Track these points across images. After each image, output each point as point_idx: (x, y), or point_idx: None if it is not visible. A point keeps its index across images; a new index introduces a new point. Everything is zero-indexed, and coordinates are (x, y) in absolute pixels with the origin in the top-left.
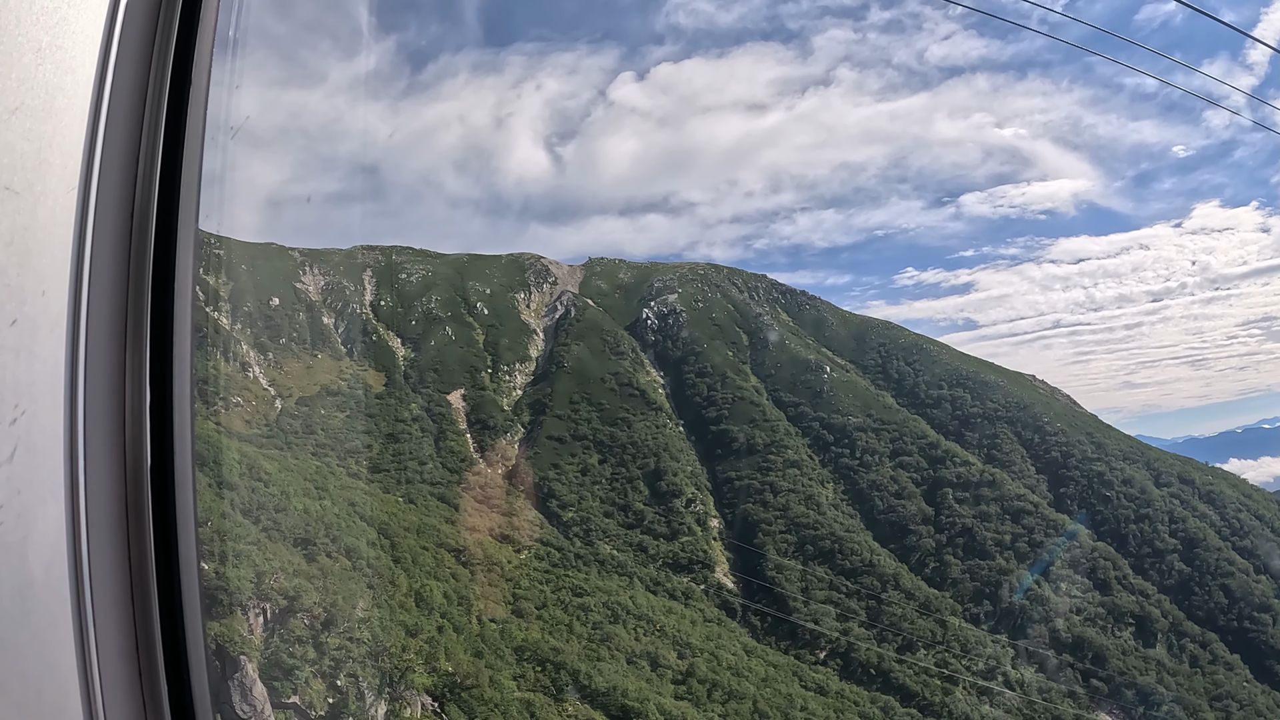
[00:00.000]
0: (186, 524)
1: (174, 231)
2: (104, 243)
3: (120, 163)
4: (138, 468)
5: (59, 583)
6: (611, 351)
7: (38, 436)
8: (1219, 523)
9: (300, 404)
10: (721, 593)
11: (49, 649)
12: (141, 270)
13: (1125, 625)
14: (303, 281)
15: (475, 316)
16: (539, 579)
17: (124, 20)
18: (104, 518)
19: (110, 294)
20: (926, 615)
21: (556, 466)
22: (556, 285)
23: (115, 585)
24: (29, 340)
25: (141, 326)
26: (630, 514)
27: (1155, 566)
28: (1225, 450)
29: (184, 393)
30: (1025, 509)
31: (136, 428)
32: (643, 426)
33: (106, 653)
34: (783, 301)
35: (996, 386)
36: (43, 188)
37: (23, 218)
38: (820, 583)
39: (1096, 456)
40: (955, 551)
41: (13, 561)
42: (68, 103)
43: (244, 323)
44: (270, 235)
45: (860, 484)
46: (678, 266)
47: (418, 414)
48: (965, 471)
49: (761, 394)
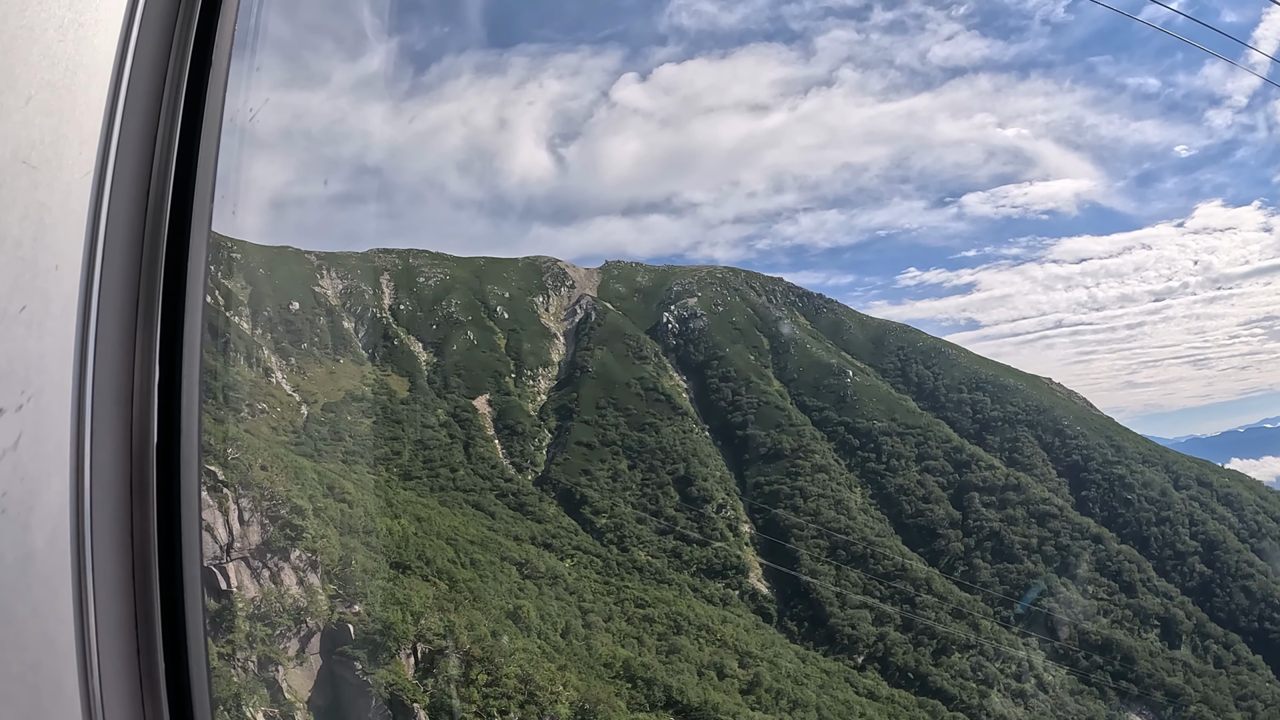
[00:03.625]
0: (190, 503)
1: (188, 215)
2: (118, 222)
3: (138, 143)
4: (144, 447)
5: (60, 557)
6: (635, 356)
7: (46, 417)
8: (1238, 525)
9: (326, 410)
10: (757, 598)
11: (48, 622)
12: (155, 253)
13: (1151, 627)
14: (321, 285)
15: (495, 320)
16: (600, 590)
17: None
18: (108, 495)
19: (123, 273)
20: (959, 619)
21: (587, 473)
22: (574, 289)
23: (116, 561)
24: (40, 316)
25: (153, 307)
26: (663, 520)
27: (1177, 569)
28: (1228, 450)
29: (193, 375)
30: (1050, 512)
31: (144, 407)
32: (670, 432)
33: (105, 628)
34: (800, 305)
35: (1015, 390)
36: (60, 164)
37: (39, 193)
38: (854, 587)
39: (1117, 459)
40: (984, 555)
41: (16, 534)
42: (88, 81)
43: (264, 327)
44: (282, 236)
45: (888, 488)
46: (695, 270)
47: (445, 420)
48: (990, 475)
49: (785, 398)
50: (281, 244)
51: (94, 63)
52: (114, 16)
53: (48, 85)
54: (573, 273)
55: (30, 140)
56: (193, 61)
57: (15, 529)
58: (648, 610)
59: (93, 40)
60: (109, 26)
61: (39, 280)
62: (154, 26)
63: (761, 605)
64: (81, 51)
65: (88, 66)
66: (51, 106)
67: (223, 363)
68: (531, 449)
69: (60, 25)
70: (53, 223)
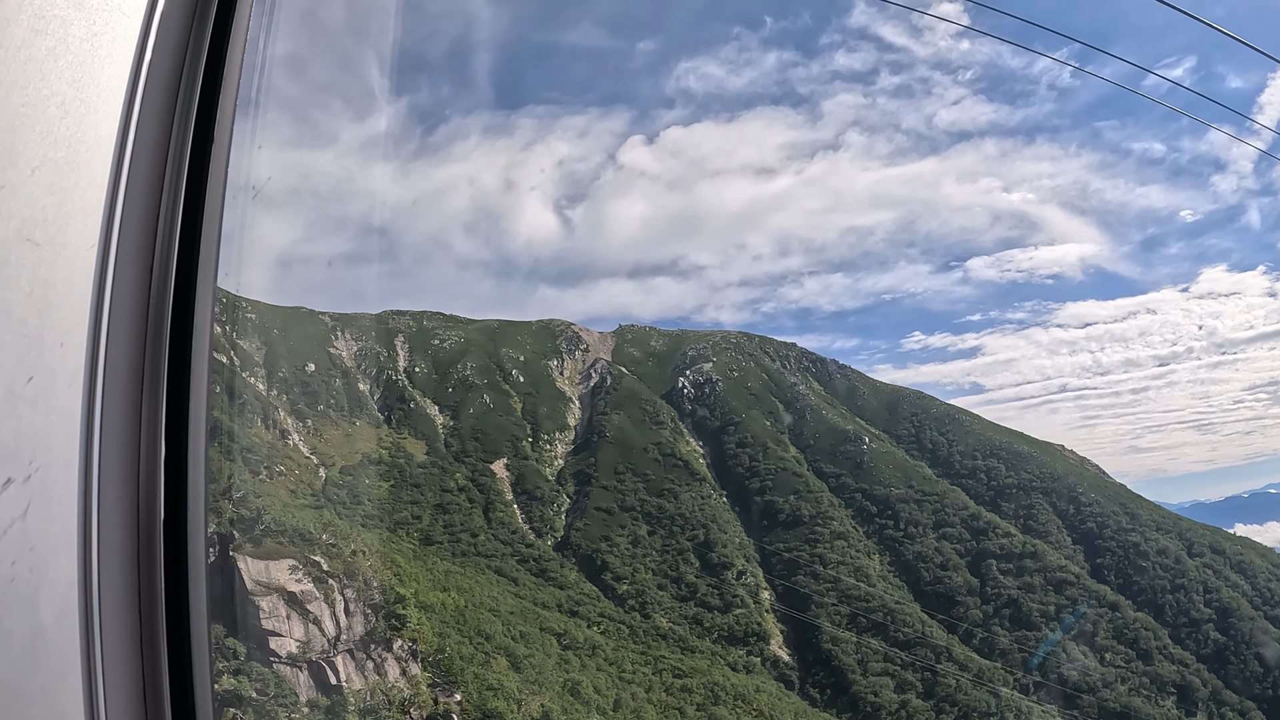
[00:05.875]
0: (197, 576)
1: (193, 289)
2: (123, 297)
3: (141, 218)
4: (150, 520)
5: (70, 631)
6: (651, 421)
7: (53, 489)
8: (1250, 592)
9: (344, 473)
10: (779, 665)
11: (57, 698)
12: (160, 326)
13: (1168, 694)
14: (335, 346)
15: (511, 384)
16: (637, 660)
17: (147, 78)
18: (116, 568)
19: (127, 347)
20: (980, 685)
21: (607, 539)
22: (589, 352)
23: (125, 636)
24: (45, 393)
25: (159, 381)
26: (683, 586)
27: (1192, 636)
28: (1232, 515)
29: (198, 448)
30: (1067, 580)
31: (150, 481)
32: (689, 498)
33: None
34: (814, 370)
35: (1029, 457)
36: (63, 241)
37: (43, 270)
38: (875, 654)
39: (1131, 527)
40: (1002, 622)
41: (26, 611)
42: (90, 157)
43: (280, 389)
44: (290, 296)
45: (906, 555)
46: (709, 334)
47: (464, 484)
48: (1008, 543)
49: (802, 464)
50: (291, 303)
51: (96, 138)
52: (116, 92)
53: (50, 162)
54: (586, 336)
55: (34, 218)
56: (195, 132)
57: (25, 601)
58: (684, 680)
59: (94, 116)
60: (111, 102)
61: (45, 357)
62: (156, 100)
63: (783, 672)
64: (84, 128)
65: (90, 143)
66: (54, 183)
67: (240, 424)
68: (550, 514)
69: (62, 102)
70: (58, 299)
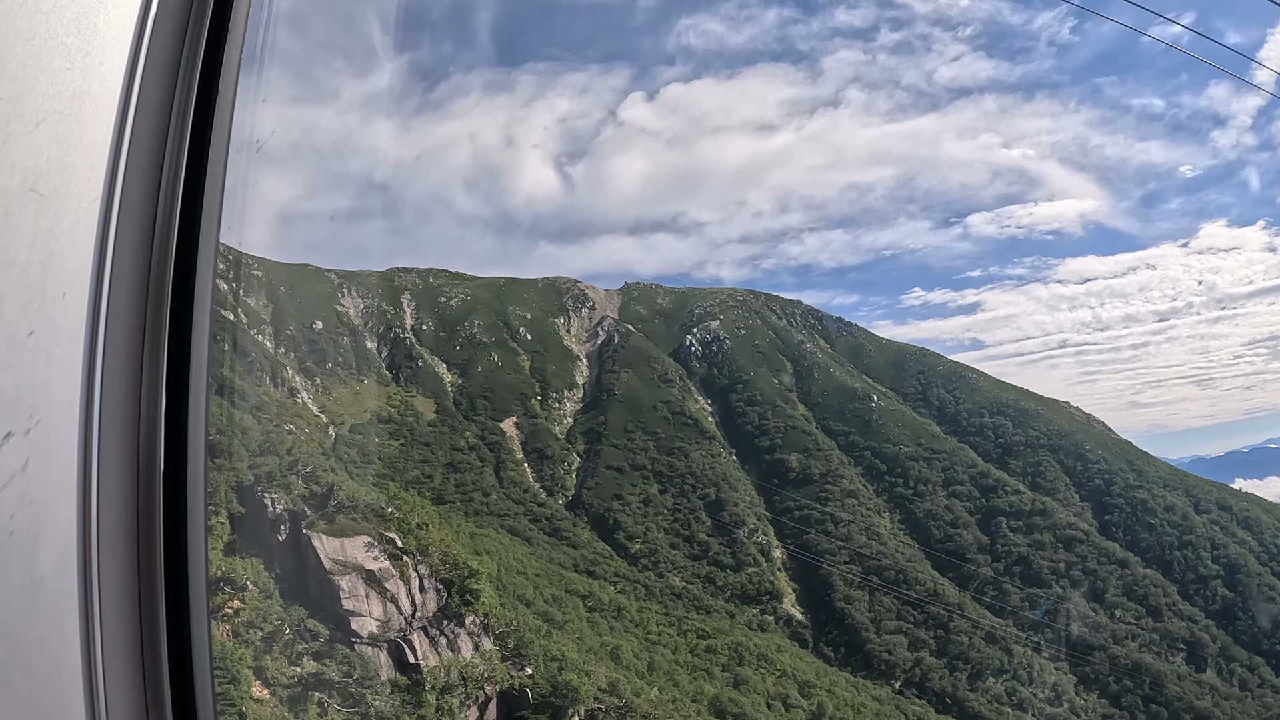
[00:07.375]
0: (197, 527)
1: (195, 242)
2: (125, 248)
3: (144, 170)
4: (150, 472)
5: (67, 582)
6: (660, 379)
7: (53, 442)
8: (1257, 548)
9: (354, 431)
10: (792, 623)
11: (55, 648)
12: (162, 277)
13: (1178, 650)
14: (342, 304)
15: (519, 342)
16: (661, 622)
17: (153, 28)
18: (115, 519)
19: (129, 299)
20: (992, 644)
21: (619, 498)
22: (595, 310)
23: (123, 586)
24: (47, 344)
25: (160, 332)
26: (695, 545)
27: (1200, 592)
28: (1232, 470)
29: (199, 398)
30: (1076, 537)
31: (150, 432)
32: (699, 456)
33: (111, 652)
34: (819, 328)
35: (1036, 414)
36: (67, 192)
37: (46, 220)
38: (889, 612)
39: (1139, 484)
40: (1013, 579)
41: (24, 564)
42: (94, 109)
43: (288, 346)
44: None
45: (916, 513)
46: (715, 292)
47: (474, 442)
48: (1016, 500)
49: (811, 423)
50: (296, 260)
51: (101, 90)
52: (121, 44)
53: (55, 113)
54: (592, 294)
55: (38, 168)
56: (200, 85)
57: (23, 554)
58: (709, 641)
59: (100, 68)
60: (116, 54)
61: (47, 307)
62: (161, 52)
63: (797, 631)
64: (89, 80)
65: (94, 94)
66: (59, 134)
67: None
68: (561, 473)
69: (68, 53)
70: (60, 250)
